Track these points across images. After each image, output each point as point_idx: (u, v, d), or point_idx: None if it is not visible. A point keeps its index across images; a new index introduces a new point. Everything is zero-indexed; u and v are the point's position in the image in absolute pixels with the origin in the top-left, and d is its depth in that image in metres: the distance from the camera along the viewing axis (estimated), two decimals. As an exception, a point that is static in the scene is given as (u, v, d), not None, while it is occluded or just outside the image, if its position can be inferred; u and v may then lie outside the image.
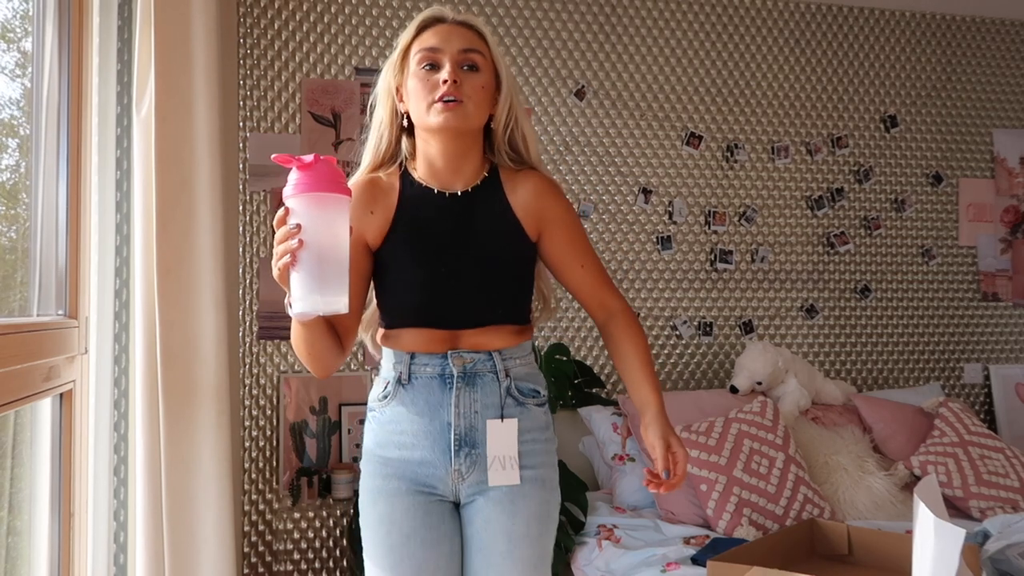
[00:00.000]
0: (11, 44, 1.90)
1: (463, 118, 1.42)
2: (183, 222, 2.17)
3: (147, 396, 2.14)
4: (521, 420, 1.49)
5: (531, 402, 1.51)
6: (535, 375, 1.54)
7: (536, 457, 1.51)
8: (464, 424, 1.46)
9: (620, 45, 3.29)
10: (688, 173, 3.34)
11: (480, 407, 1.47)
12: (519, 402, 1.50)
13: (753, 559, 1.87)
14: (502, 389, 1.48)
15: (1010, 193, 3.72)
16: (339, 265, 1.18)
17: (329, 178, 1.18)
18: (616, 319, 1.56)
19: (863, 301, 3.52)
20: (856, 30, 3.56)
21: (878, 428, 2.99)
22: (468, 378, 1.46)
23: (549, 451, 1.55)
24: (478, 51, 1.45)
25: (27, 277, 1.91)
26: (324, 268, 1.17)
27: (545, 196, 1.52)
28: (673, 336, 3.30)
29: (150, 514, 2.13)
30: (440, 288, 1.47)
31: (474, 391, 1.47)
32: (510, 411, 1.49)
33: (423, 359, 1.47)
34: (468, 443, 1.46)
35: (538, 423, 1.52)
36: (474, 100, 1.43)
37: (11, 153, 1.94)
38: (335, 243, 1.18)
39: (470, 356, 1.47)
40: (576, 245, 1.56)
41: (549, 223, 1.53)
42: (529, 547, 1.48)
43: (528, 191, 1.52)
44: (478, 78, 1.44)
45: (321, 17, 3.01)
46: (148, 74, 2.18)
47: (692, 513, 2.58)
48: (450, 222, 1.48)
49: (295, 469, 2.88)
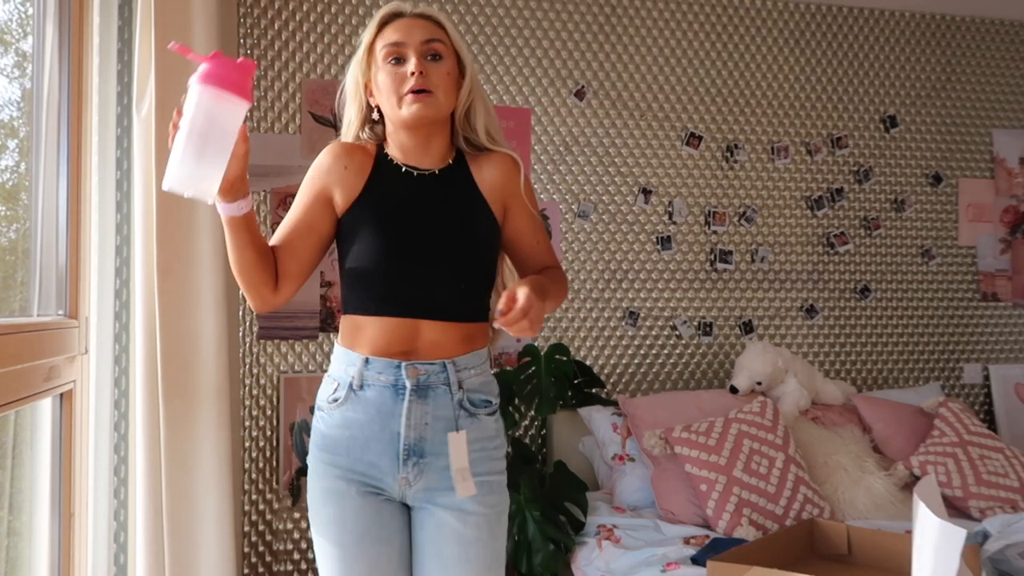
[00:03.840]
0: (8, 47, 1.90)
1: (434, 108, 1.47)
2: (183, 222, 2.17)
3: (147, 396, 2.14)
4: (471, 431, 1.50)
5: (482, 412, 1.52)
6: (489, 384, 1.55)
7: (485, 464, 1.52)
8: (414, 435, 1.47)
9: (620, 45, 3.29)
10: (688, 173, 3.34)
11: (431, 419, 1.48)
12: (470, 413, 1.51)
13: (753, 559, 1.87)
14: (455, 402, 1.49)
15: (1010, 193, 3.72)
16: (209, 154, 1.24)
17: (224, 76, 1.24)
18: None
19: (863, 301, 3.52)
20: (856, 30, 3.56)
21: (878, 428, 2.99)
22: (421, 391, 1.47)
23: (497, 457, 1.56)
24: (440, 40, 1.50)
25: (27, 277, 1.91)
26: (193, 152, 1.23)
27: (509, 174, 1.56)
28: (673, 336, 3.30)
29: (150, 514, 2.13)
30: (403, 266, 1.48)
31: (425, 403, 1.47)
32: (462, 423, 1.50)
33: (377, 366, 1.47)
34: (416, 453, 1.47)
35: (487, 432, 1.53)
36: (442, 88, 1.48)
37: (11, 153, 1.94)
38: (211, 133, 1.24)
39: (424, 368, 1.47)
40: (534, 220, 1.60)
41: (512, 198, 1.57)
42: (482, 550, 1.50)
43: (493, 170, 1.56)
44: (442, 66, 1.49)
45: (321, 17, 3.02)
46: (148, 74, 2.18)
47: (692, 513, 2.58)
48: (419, 198, 1.51)
49: (295, 469, 2.88)
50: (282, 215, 2.93)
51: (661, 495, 2.65)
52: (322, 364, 2.95)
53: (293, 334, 2.92)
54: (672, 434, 2.67)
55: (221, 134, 1.25)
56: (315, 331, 2.94)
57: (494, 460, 1.55)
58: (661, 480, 2.67)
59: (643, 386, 3.27)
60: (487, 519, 1.51)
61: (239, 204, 1.38)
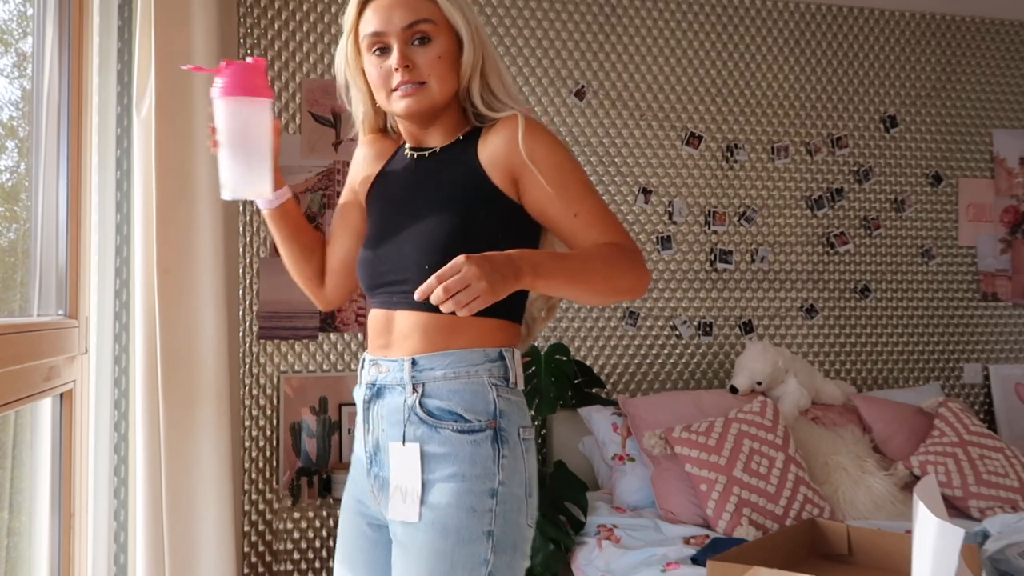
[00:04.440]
0: (8, 47, 1.90)
1: (427, 100, 1.31)
2: (183, 222, 2.17)
3: (147, 396, 2.14)
4: (427, 445, 1.24)
5: (447, 426, 1.24)
6: (462, 394, 1.25)
7: (443, 496, 1.22)
8: (372, 441, 1.32)
9: (620, 45, 3.29)
10: (688, 173, 3.34)
11: (386, 424, 1.29)
12: (428, 424, 1.25)
13: (753, 559, 1.87)
14: (406, 406, 1.26)
15: (1010, 193, 3.72)
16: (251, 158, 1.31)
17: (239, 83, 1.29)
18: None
19: (863, 301, 3.52)
20: (856, 30, 3.56)
21: (878, 428, 2.99)
22: (379, 390, 1.31)
23: (469, 492, 1.22)
24: (425, 19, 1.29)
25: (27, 277, 1.91)
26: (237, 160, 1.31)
27: (514, 139, 1.28)
28: (673, 336, 3.30)
29: (150, 514, 2.13)
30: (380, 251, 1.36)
31: (382, 404, 1.30)
32: (414, 433, 1.25)
33: (367, 359, 1.36)
34: (377, 463, 1.31)
35: (455, 452, 1.23)
36: (435, 75, 1.30)
37: (10, 153, 1.94)
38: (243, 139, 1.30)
39: (386, 364, 1.30)
40: (562, 189, 1.27)
41: (522, 168, 1.28)
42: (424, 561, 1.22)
43: (496, 138, 1.30)
44: (432, 50, 1.29)
45: (321, 17, 3.02)
46: (148, 74, 2.18)
47: (692, 513, 2.58)
48: (406, 180, 1.39)
49: (295, 469, 2.88)
50: (282, 215, 2.93)
51: (661, 495, 2.65)
52: (322, 364, 2.95)
53: (293, 334, 2.92)
54: (672, 434, 2.67)
55: (256, 137, 1.31)
56: (315, 331, 2.94)
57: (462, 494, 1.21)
58: (661, 480, 2.67)
59: (643, 386, 3.26)
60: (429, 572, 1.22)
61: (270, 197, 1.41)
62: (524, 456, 1.27)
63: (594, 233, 1.27)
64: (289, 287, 2.93)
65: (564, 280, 1.21)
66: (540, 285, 1.18)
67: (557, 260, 1.22)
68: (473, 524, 1.21)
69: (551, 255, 1.23)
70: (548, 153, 1.28)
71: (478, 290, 1.08)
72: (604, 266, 1.24)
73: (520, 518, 1.25)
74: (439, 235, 1.28)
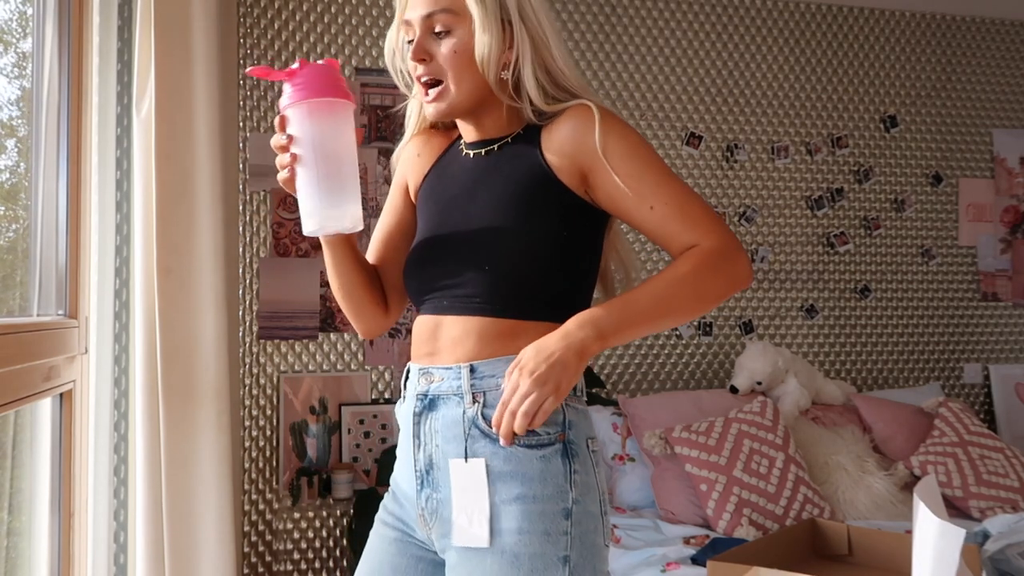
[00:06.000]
0: (8, 47, 1.90)
1: (447, 101, 1.19)
2: (183, 222, 2.17)
3: (147, 396, 2.14)
4: (493, 461, 1.11)
5: (517, 442, 1.11)
6: None
7: (512, 520, 1.09)
8: (424, 458, 1.17)
9: (620, 45, 3.29)
10: (688, 173, 3.34)
11: (441, 439, 1.15)
12: (491, 437, 1.11)
13: (753, 559, 1.87)
14: (466, 419, 1.13)
15: (1010, 193, 3.72)
16: (342, 176, 1.09)
17: (320, 84, 1.09)
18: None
19: (863, 301, 3.51)
20: (856, 30, 3.56)
21: (878, 428, 2.99)
22: (431, 401, 1.17)
23: (541, 515, 1.10)
24: (443, 9, 1.16)
25: (27, 277, 1.91)
26: (326, 181, 1.08)
27: (579, 128, 1.15)
28: (673, 336, 3.30)
29: (150, 514, 2.13)
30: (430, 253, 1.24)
31: (435, 417, 1.16)
32: (478, 449, 1.12)
33: (412, 369, 1.23)
34: (430, 484, 1.16)
35: (523, 470, 1.10)
36: (451, 72, 1.18)
37: (10, 153, 1.94)
38: (335, 153, 1.09)
39: (439, 373, 1.17)
40: (636, 180, 1.13)
41: (591, 159, 1.15)
42: None
43: (562, 131, 1.17)
44: (448, 43, 1.17)
45: (321, 17, 3.01)
46: (148, 74, 2.18)
47: (692, 513, 2.58)
48: (465, 176, 1.25)
49: (295, 469, 2.88)
50: (282, 215, 2.94)
51: (661, 495, 2.65)
52: (322, 364, 2.95)
53: (293, 334, 2.92)
54: (672, 434, 2.67)
55: (345, 149, 1.10)
56: (315, 331, 2.94)
57: (533, 518, 1.09)
58: (661, 480, 2.67)
59: (643, 386, 3.26)
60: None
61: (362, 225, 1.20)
62: (595, 470, 1.17)
63: (673, 227, 1.14)
64: (289, 287, 2.94)
65: (641, 324, 1.10)
66: (616, 341, 1.08)
67: (623, 308, 1.09)
68: (548, 550, 1.09)
69: (615, 306, 1.10)
70: (619, 143, 1.14)
71: (542, 396, 1.03)
72: (682, 286, 1.10)
73: (597, 538, 1.16)
74: (497, 235, 1.17)
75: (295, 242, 2.95)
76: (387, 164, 3.04)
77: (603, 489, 1.18)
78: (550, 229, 1.16)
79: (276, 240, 2.93)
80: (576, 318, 1.08)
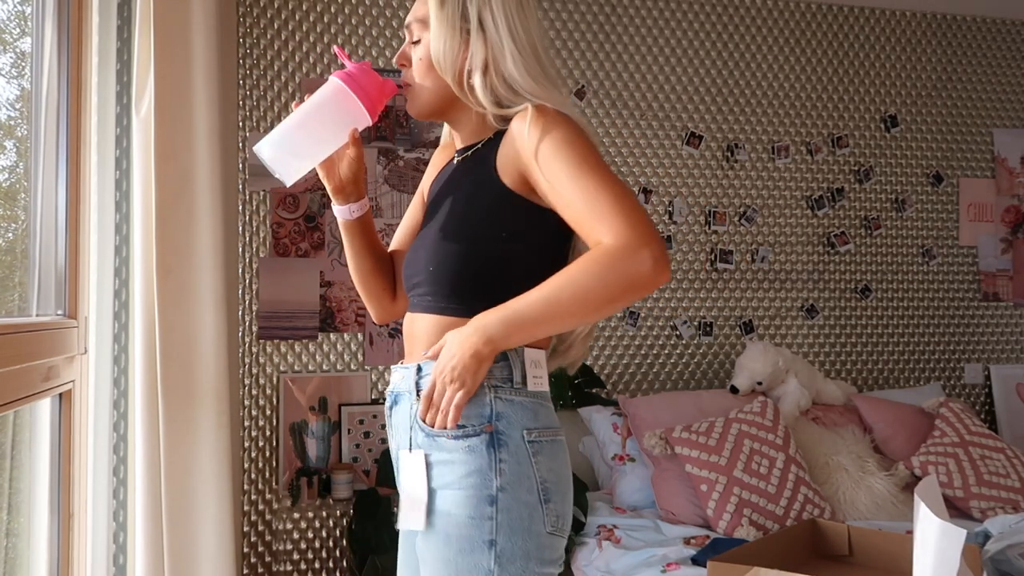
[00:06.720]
0: (7, 47, 1.90)
1: (414, 104, 1.32)
2: (183, 222, 2.17)
3: (147, 396, 2.14)
4: (431, 453, 1.21)
5: (443, 432, 1.19)
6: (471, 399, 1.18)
7: (445, 504, 1.18)
8: (394, 450, 1.32)
9: (620, 45, 3.29)
10: (688, 173, 3.33)
11: (398, 433, 1.29)
12: (425, 431, 1.21)
13: (753, 559, 1.87)
14: (410, 413, 1.25)
15: (1011, 193, 3.71)
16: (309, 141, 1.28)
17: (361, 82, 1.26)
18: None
19: (863, 301, 3.51)
20: (856, 30, 3.56)
21: (878, 428, 2.99)
22: (396, 396, 1.31)
23: (466, 500, 1.17)
24: (416, 20, 1.28)
25: (26, 277, 1.91)
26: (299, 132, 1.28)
27: (517, 132, 1.19)
28: (673, 336, 3.30)
29: (150, 514, 2.13)
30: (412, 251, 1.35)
31: (397, 412, 1.30)
32: (418, 440, 1.22)
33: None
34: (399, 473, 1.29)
35: (453, 459, 1.18)
36: (417, 77, 1.29)
37: (9, 153, 1.93)
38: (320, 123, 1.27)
39: (401, 372, 1.30)
40: (556, 178, 1.15)
41: (526, 161, 1.19)
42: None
43: (509, 134, 1.23)
44: (417, 51, 1.29)
45: (321, 17, 3.01)
46: (148, 74, 2.17)
47: (692, 513, 2.58)
48: (446, 184, 1.36)
49: (295, 469, 2.88)
50: (282, 215, 2.94)
51: (661, 495, 2.65)
52: (322, 364, 2.94)
53: (293, 334, 2.92)
54: (672, 434, 2.67)
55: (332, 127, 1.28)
56: (315, 331, 2.94)
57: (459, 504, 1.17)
58: (661, 480, 2.67)
59: (643, 386, 3.26)
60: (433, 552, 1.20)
61: (351, 207, 1.39)
62: (532, 460, 1.19)
63: (584, 225, 1.14)
64: (289, 287, 2.94)
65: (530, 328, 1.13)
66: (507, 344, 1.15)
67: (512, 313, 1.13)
68: (473, 533, 1.16)
69: (505, 310, 1.13)
70: (547, 143, 1.16)
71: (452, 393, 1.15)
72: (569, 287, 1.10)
73: (533, 525, 1.17)
74: (441, 236, 1.26)
75: (295, 242, 2.95)
76: (387, 164, 3.04)
77: (545, 478, 1.20)
78: (489, 231, 1.23)
79: (276, 240, 2.93)
80: (473, 320, 1.16)
